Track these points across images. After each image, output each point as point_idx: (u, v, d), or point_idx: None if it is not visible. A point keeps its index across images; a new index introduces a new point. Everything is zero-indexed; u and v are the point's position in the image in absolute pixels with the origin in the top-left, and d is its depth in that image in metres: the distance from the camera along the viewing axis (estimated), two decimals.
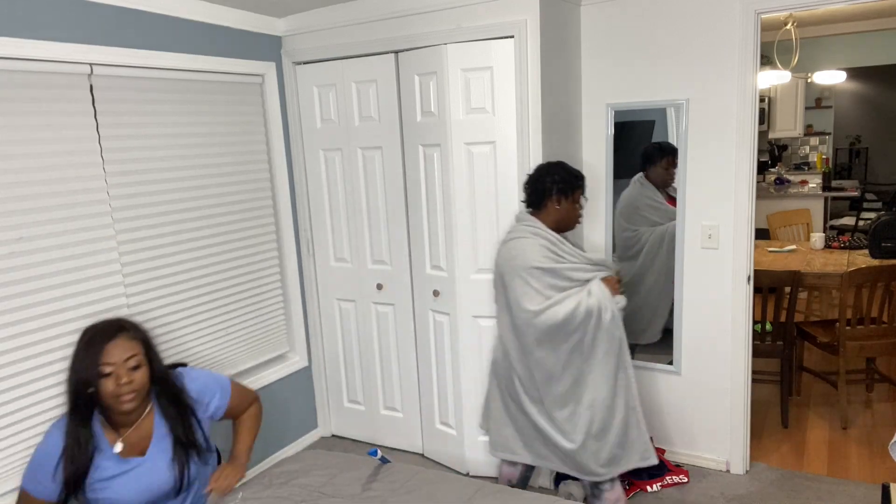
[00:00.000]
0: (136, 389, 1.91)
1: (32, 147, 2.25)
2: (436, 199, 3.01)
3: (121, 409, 1.91)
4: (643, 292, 3.14)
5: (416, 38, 2.93)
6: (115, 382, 1.88)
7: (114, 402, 1.89)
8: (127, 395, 1.89)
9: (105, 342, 1.89)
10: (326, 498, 2.03)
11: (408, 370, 3.37)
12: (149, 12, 2.63)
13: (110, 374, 1.88)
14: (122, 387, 1.88)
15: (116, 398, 1.89)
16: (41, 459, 1.92)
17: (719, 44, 2.80)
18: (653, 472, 3.03)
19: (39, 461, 1.92)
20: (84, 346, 1.90)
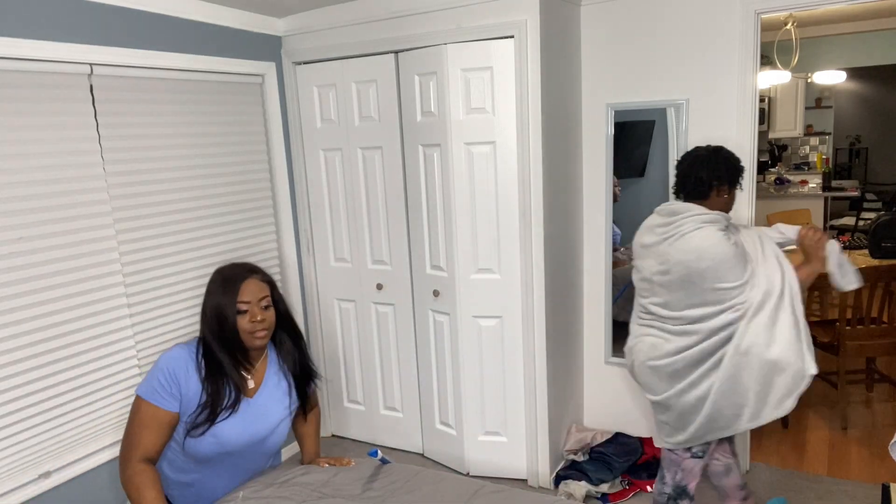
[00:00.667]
0: (267, 327, 1.98)
1: (32, 147, 2.25)
2: (436, 199, 3.01)
3: (253, 345, 1.98)
4: None
5: (416, 38, 2.93)
6: (250, 319, 1.94)
7: (248, 338, 1.96)
8: (260, 331, 1.96)
9: (240, 281, 1.95)
10: (327, 498, 2.03)
11: (408, 370, 3.37)
12: (149, 12, 2.63)
13: (246, 312, 1.94)
14: (256, 324, 1.95)
15: (251, 334, 1.95)
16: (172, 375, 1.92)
17: (719, 44, 2.80)
18: (653, 472, 3.04)
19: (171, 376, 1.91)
20: (220, 285, 1.95)
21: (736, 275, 2.12)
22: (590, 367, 3.37)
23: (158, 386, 1.88)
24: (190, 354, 1.94)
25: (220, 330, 1.93)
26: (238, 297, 1.94)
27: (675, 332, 2.23)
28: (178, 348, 1.95)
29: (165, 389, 1.88)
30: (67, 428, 2.41)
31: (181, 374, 1.90)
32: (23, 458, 2.28)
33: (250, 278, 1.97)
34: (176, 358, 1.92)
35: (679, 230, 2.19)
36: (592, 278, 3.29)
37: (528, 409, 3.03)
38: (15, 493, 2.24)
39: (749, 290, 2.14)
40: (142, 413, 1.87)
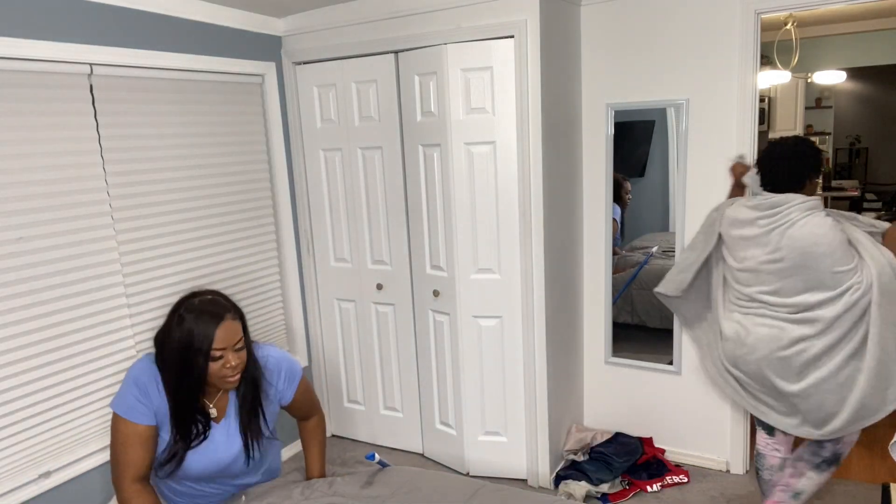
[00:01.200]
0: (240, 370, 1.90)
1: (32, 147, 2.25)
2: (436, 199, 3.01)
3: (223, 387, 1.90)
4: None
5: (416, 38, 2.93)
6: (222, 365, 1.84)
7: (218, 381, 1.87)
8: (232, 376, 1.87)
9: (216, 325, 1.82)
10: (327, 497, 2.03)
11: (408, 370, 3.37)
12: (149, 12, 2.63)
13: (220, 358, 1.84)
14: (228, 369, 1.85)
15: (222, 379, 1.86)
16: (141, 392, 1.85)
17: (719, 44, 2.80)
18: (653, 472, 3.04)
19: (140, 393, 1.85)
20: (190, 325, 1.80)
21: (848, 258, 2.19)
22: (590, 367, 3.37)
23: (133, 401, 1.82)
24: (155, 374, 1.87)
25: (184, 374, 1.82)
26: (213, 343, 1.80)
27: (793, 319, 2.27)
28: (146, 360, 1.88)
29: (140, 403, 1.82)
30: (67, 428, 2.41)
31: (151, 389, 1.84)
32: (23, 458, 2.28)
33: (226, 320, 1.82)
34: (144, 370, 1.85)
35: (788, 219, 2.24)
36: (592, 278, 3.29)
37: (528, 409, 3.03)
38: (15, 493, 2.24)
39: (862, 271, 2.20)
40: (121, 431, 1.81)
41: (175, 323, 1.81)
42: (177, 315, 1.82)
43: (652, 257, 3.17)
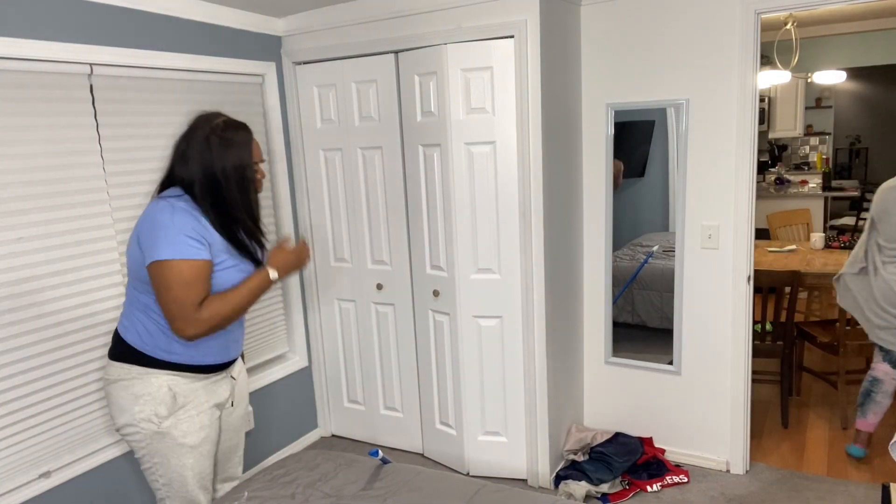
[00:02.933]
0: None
1: (32, 147, 2.25)
2: (436, 199, 3.01)
3: (254, 203, 2.01)
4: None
5: (416, 38, 2.93)
6: (260, 176, 2.01)
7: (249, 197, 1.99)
8: (260, 185, 2.03)
9: (252, 137, 1.97)
10: (327, 497, 2.03)
11: (408, 370, 3.37)
12: (149, 12, 2.63)
13: (257, 169, 1.99)
14: (261, 180, 2.02)
15: (254, 190, 2.00)
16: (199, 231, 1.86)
17: (719, 44, 2.80)
18: (653, 472, 3.04)
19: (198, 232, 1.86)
20: (229, 145, 1.90)
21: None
22: (590, 367, 3.37)
23: (188, 241, 1.82)
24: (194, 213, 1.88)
25: (245, 191, 1.93)
26: (253, 157, 1.96)
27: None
28: (175, 206, 1.85)
29: (196, 241, 1.84)
30: (67, 428, 2.41)
31: (201, 228, 1.86)
32: (23, 458, 2.28)
33: (253, 134, 1.99)
34: (183, 211, 1.85)
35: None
36: (592, 278, 3.29)
37: (528, 409, 3.03)
38: (15, 493, 2.24)
39: None
40: (184, 273, 1.80)
41: (219, 147, 1.89)
42: (214, 139, 1.89)
43: (652, 257, 3.17)
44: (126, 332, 1.95)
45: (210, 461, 2.04)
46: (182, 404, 1.95)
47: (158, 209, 1.85)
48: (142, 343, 1.92)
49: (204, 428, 1.99)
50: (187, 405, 1.96)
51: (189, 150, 1.91)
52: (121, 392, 1.93)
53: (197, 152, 1.89)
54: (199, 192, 1.89)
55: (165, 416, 1.92)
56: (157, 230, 1.82)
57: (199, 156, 1.89)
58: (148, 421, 1.91)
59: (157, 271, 1.81)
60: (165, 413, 1.92)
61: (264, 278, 1.97)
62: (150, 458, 1.96)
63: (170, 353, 1.93)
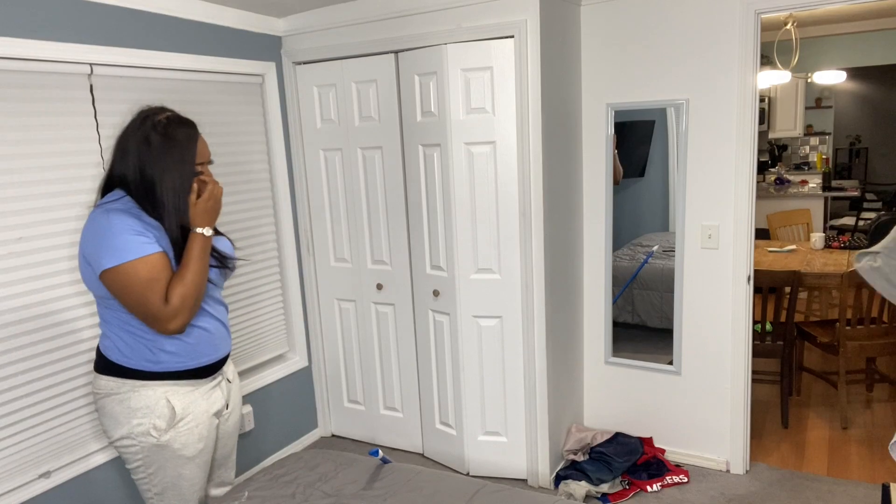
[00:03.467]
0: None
1: (32, 147, 2.25)
2: (436, 199, 3.01)
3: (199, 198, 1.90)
4: None
5: (416, 38, 2.93)
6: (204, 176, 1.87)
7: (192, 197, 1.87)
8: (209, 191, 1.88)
9: (198, 136, 1.82)
10: (328, 497, 2.03)
11: (408, 370, 3.37)
12: (149, 12, 2.63)
13: (202, 170, 1.86)
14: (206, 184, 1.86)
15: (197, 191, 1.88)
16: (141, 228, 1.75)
17: (719, 44, 2.80)
18: (653, 472, 3.04)
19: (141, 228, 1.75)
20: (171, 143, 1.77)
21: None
22: (590, 367, 3.37)
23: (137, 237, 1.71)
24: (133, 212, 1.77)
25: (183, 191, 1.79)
26: (196, 158, 1.81)
27: None
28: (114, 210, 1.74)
29: (146, 236, 1.73)
30: (67, 428, 2.41)
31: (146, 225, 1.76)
32: (23, 458, 2.28)
33: (199, 133, 1.82)
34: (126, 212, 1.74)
35: None
36: (592, 278, 3.29)
37: (528, 409, 3.03)
38: (15, 493, 2.24)
39: None
40: (141, 269, 1.71)
41: (159, 145, 1.76)
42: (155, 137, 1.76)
43: (652, 257, 3.17)
44: (108, 350, 1.86)
45: (205, 470, 1.99)
46: (181, 416, 1.87)
47: (93, 219, 1.75)
48: (126, 359, 1.83)
49: (202, 439, 1.93)
50: (186, 417, 1.88)
51: (128, 146, 1.79)
52: (115, 406, 1.85)
53: (135, 149, 1.78)
54: (135, 193, 1.79)
55: (164, 429, 1.85)
56: (97, 239, 1.72)
57: (137, 153, 1.77)
58: (146, 435, 1.84)
59: (111, 279, 1.72)
60: (164, 426, 1.85)
61: (201, 240, 1.82)
62: (145, 469, 1.89)
63: (157, 363, 1.84)
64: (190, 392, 1.90)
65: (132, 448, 1.86)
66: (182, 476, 1.92)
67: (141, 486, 1.93)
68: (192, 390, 1.91)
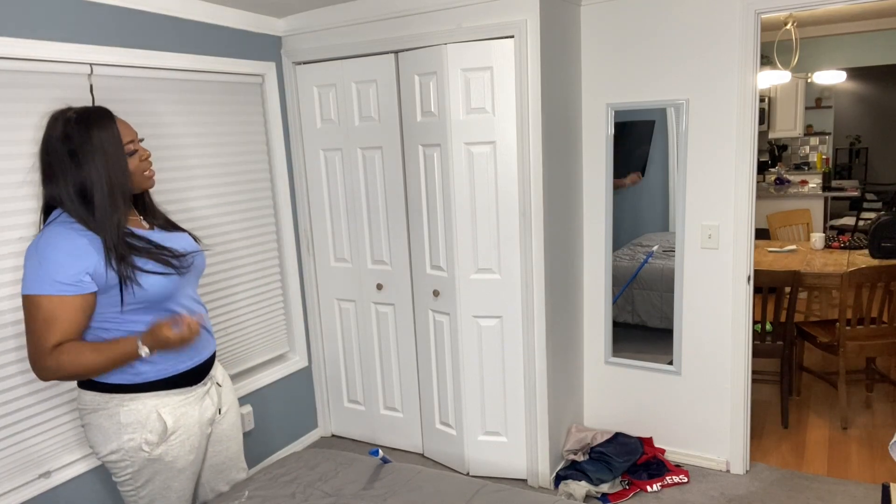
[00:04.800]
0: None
1: (32, 147, 2.25)
2: (436, 199, 3.01)
3: (146, 186, 1.81)
4: None
5: (416, 38, 2.93)
6: (140, 158, 1.75)
7: (141, 180, 1.78)
8: (151, 168, 1.79)
9: (113, 120, 1.71)
10: (328, 497, 2.03)
11: (408, 370, 3.37)
12: (149, 12, 2.63)
13: (135, 152, 1.74)
14: (147, 161, 1.75)
15: (143, 175, 1.78)
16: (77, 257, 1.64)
17: (719, 44, 2.80)
18: (653, 472, 3.04)
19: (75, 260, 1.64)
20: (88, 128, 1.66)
21: None
22: (590, 367, 3.37)
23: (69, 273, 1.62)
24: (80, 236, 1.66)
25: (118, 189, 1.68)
26: (122, 137, 1.71)
27: None
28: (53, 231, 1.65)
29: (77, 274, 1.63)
30: (67, 428, 2.41)
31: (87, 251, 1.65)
32: (23, 458, 2.28)
33: (114, 115, 1.72)
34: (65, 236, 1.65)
35: None
36: (592, 278, 3.29)
37: (528, 409, 3.03)
38: (15, 493, 2.24)
39: None
40: (50, 310, 1.61)
41: (81, 146, 1.66)
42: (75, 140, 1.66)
43: (652, 257, 3.17)
44: None
45: (194, 481, 1.95)
46: (173, 430, 1.82)
47: (31, 244, 1.67)
48: (104, 376, 1.76)
49: (193, 450, 1.89)
50: (178, 430, 1.83)
51: (51, 158, 1.68)
52: (103, 421, 1.78)
53: (58, 155, 1.67)
54: (71, 207, 1.67)
55: (156, 443, 1.80)
56: (27, 261, 1.65)
57: (64, 157, 1.67)
58: (138, 450, 1.78)
59: (23, 305, 1.65)
60: (156, 440, 1.80)
61: (131, 351, 1.69)
62: (133, 483, 1.83)
63: (137, 374, 1.77)
64: (181, 403, 1.85)
65: (122, 463, 1.81)
66: (171, 488, 1.88)
67: (127, 498, 1.88)
68: (182, 400, 1.85)
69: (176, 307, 1.84)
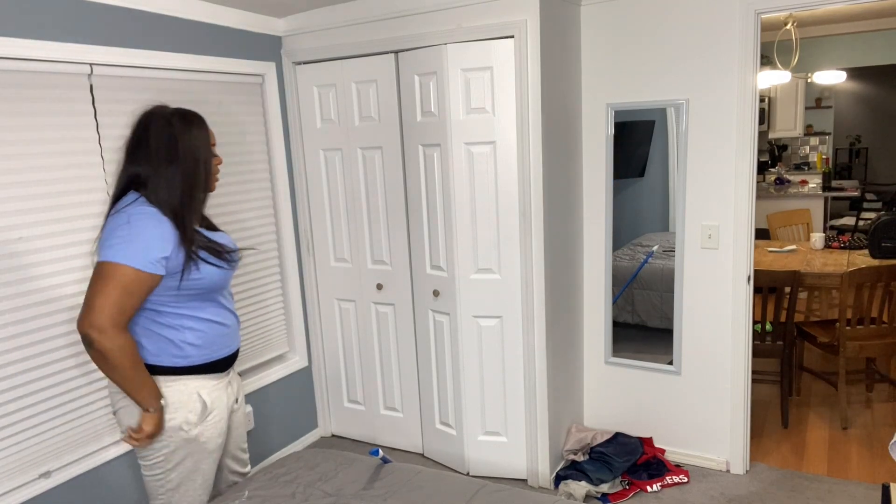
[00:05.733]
0: None
1: (33, 147, 2.25)
2: (436, 199, 3.01)
3: (213, 189, 1.99)
4: None
5: (416, 38, 2.93)
6: (216, 162, 1.97)
7: (213, 182, 1.97)
8: (218, 173, 2.01)
9: (206, 122, 1.93)
10: (328, 496, 2.03)
11: (408, 370, 3.37)
12: (149, 12, 2.63)
13: (216, 155, 1.96)
14: (219, 165, 2.00)
15: (214, 177, 1.98)
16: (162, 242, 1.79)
17: (719, 44, 2.80)
18: (653, 472, 3.04)
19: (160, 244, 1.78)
20: (187, 124, 1.86)
21: None
22: (590, 367, 3.37)
23: (156, 255, 1.76)
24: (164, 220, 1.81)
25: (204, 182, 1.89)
26: (211, 138, 1.92)
27: None
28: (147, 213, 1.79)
29: (163, 256, 1.77)
30: (67, 428, 2.41)
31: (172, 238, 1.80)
32: (23, 458, 2.28)
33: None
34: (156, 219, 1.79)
35: None
36: (592, 278, 3.29)
37: (528, 409, 3.03)
38: (15, 493, 2.24)
39: None
40: (132, 280, 1.73)
41: (180, 140, 1.83)
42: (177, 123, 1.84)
43: (652, 257, 3.17)
44: None
45: (216, 466, 2.04)
46: (210, 410, 1.95)
47: (114, 222, 1.79)
48: (155, 357, 1.88)
49: (222, 434, 2.00)
50: (214, 411, 1.96)
51: (149, 141, 1.83)
52: None
53: (151, 137, 1.82)
54: (156, 193, 1.82)
55: (195, 422, 1.91)
56: (114, 232, 1.76)
57: (162, 145, 1.82)
58: (179, 429, 1.89)
59: (101, 270, 1.73)
60: (195, 420, 1.91)
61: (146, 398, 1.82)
62: (165, 465, 1.92)
63: (186, 357, 1.90)
64: (215, 388, 1.98)
65: (158, 444, 1.89)
66: (199, 470, 1.97)
67: (154, 481, 1.95)
68: (216, 385, 1.98)
69: (220, 298, 1.99)
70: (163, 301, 1.86)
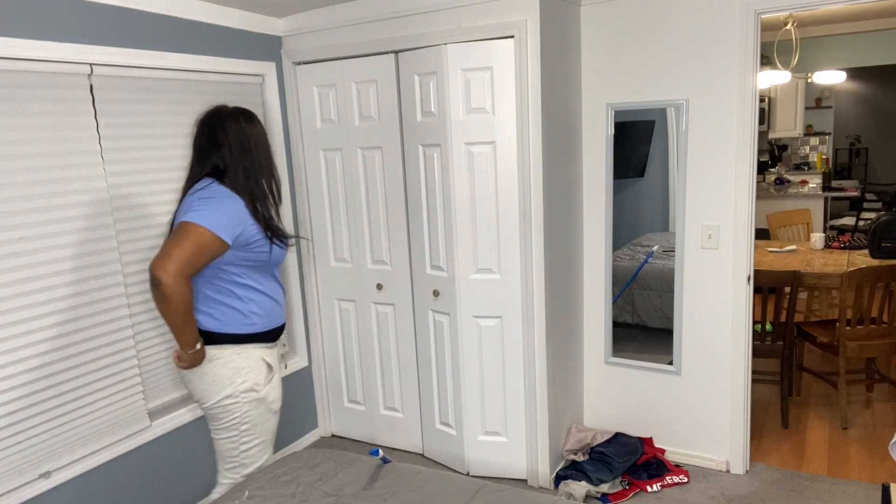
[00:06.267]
0: None
1: (33, 147, 2.25)
2: (436, 199, 3.01)
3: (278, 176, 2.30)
4: None
5: (416, 38, 2.93)
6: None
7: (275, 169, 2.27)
8: None
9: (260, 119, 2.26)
10: (328, 496, 2.03)
11: (408, 370, 3.37)
12: (149, 12, 2.63)
13: None
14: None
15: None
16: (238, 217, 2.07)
17: (719, 44, 2.80)
18: (653, 472, 3.04)
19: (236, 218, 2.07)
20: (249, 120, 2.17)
21: None
22: (590, 367, 3.37)
23: (230, 224, 2.03)
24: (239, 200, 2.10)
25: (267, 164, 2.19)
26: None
27: None
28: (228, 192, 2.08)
29: (235, 227, 2.05)
30: (67, 428, 2.41)
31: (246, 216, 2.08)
32: (23, 458, 2.28)
33: None
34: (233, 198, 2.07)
35: None
36: (592, 278, 3.29)
37: (528, 409, 3.03)
38: (15, 493, 2.24)
39: None
40: (208, 240, 1.99)
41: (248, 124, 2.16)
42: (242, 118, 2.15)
43: (652, 257, 3.17)
44: (204, 322, 2.14)
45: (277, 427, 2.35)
46: (273, 373, 2.26)
47: (198, 195, 2.05)
48: (224, 326, 2.14)
49: (281, 395, 2.32)
50: (274, 374, 2.27)
51: (220, 133, 2.12)
52: (219, 370, 2.14)
53: (228, 133, 2.12)
54: (235, 170, 2.11)
55: (263, 384, 2.21)
56: (199, 201, 2.02)
57: (234, 135, 2.12)
58: (250, 391, 2.17)
59: (183, 227, 1.98)
60: (263, 381, 2.21)
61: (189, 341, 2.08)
62: (239, 426, 2.19)
63: (252, 324, 2.17)
64: (271, 354, 2.28)
65: (233, 406, 2.17)
66: (268, 430, 2.28)
67: (229, 444, 2.22)
68: (271, 352, 2.29)
69: (276, 272, 2.30)
70: (229, 261, 2.11)
